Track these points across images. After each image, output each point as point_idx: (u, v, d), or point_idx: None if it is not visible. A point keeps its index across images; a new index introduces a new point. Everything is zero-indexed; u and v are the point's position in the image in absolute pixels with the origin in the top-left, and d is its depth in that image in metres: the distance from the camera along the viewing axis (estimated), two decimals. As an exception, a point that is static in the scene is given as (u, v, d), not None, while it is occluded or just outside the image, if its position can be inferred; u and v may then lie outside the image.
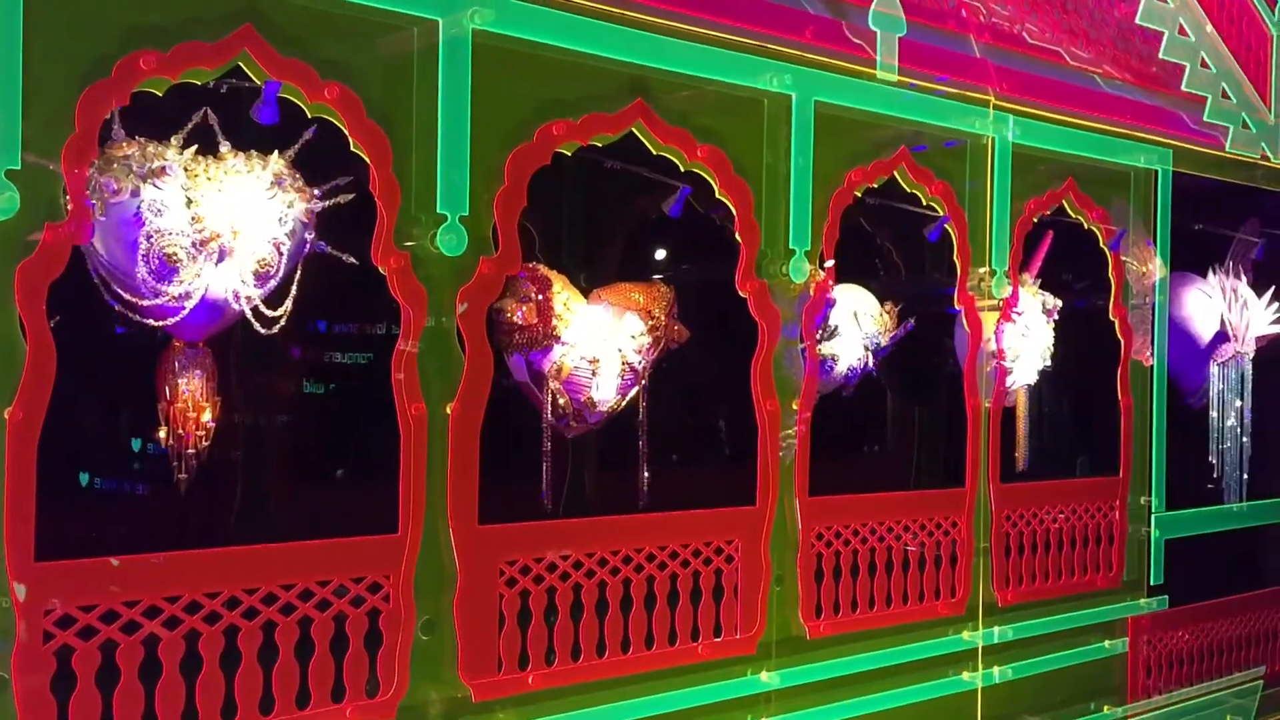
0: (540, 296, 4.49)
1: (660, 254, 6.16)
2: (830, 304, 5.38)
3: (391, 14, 3.90)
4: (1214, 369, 6.97)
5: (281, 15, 3.64)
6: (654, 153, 4.64)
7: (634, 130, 4.54)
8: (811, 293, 5.03)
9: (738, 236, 4.84)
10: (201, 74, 3.52)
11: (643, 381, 4.82)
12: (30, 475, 3.18)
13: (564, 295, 4.61)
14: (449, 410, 4.00)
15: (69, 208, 3.23)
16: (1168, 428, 6.57)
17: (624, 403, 4.81)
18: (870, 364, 5.70)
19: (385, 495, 3.95)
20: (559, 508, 4.73)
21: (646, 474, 4.90)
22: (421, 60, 3.98)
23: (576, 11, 4.29)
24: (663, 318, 4.81)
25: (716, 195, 4.80)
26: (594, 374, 4.63)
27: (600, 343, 4.67)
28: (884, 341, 5.69)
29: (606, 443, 5.43)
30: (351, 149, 3.83)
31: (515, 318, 4.42)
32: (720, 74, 4.74)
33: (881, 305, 5.77)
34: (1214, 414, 7.05)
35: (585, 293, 4.80)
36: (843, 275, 5.54)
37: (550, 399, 4.62)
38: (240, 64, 3.59)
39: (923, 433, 6.86)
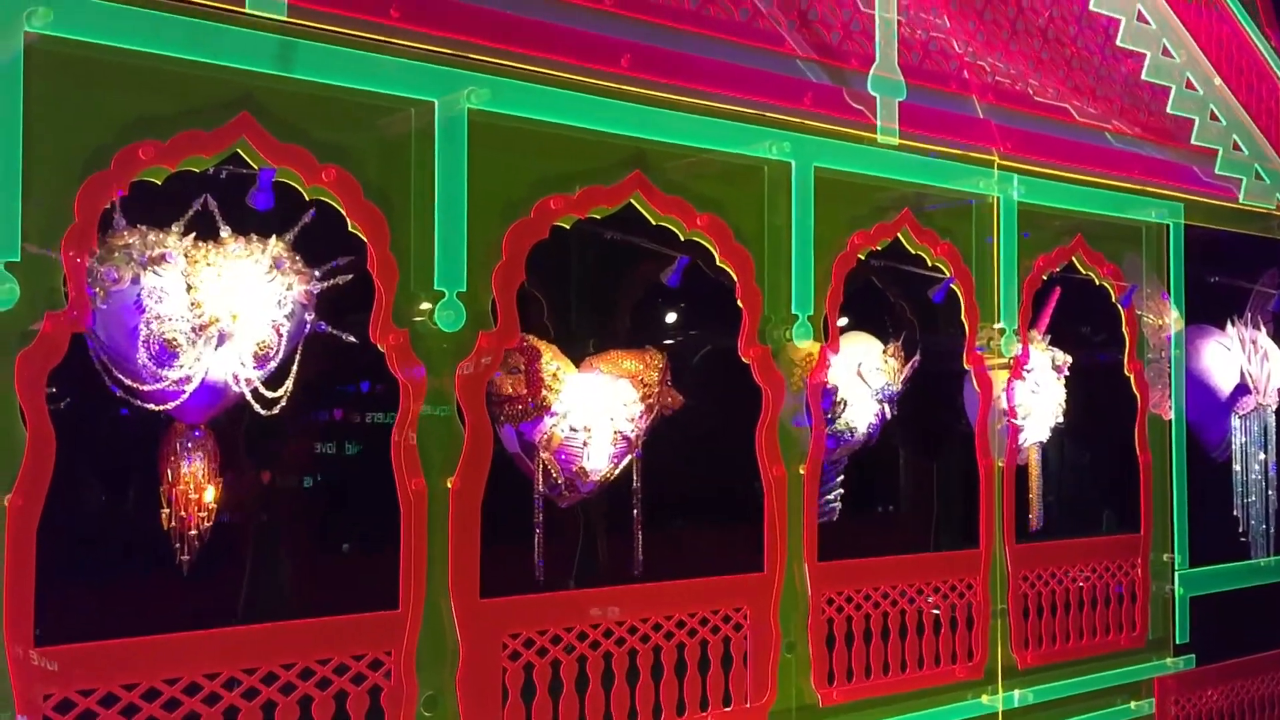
0: (529, 367, 4.51)
1: (659, 320, 6.18)
2: (831, 395, 5.38)
3: (388, 97, 3.98)
4: (1236, 422, 6.89)
5: (278, 102, 3.73)
6: (653, 223, 4.68)
7: (632, 201, 4.58)
8: (815, 355, 5.02)
9: (739, 303, 4.86)
10: (200, 161, 3.60)
11: (636, 449, 4.81)
12: (30, 561, 3.23)
13: (553, 365, 4.62)
14: (450, 484, 4.03)
15: (69, 297, 3.31)
16: (1189, 482, 6.48)
17: (617, 471, 4.80)
18: (887, 413, 5.68)
19: (387, 570, 3.97)
20: (556, 578, 4.72)
21: (642, 542, 4.89)
22: (419, 140, 4.06)
23: (572, 88, 4.35)
24: (656, 384, 4.81)
25: (717, 263, 4.83)
26: (585, 444, 4.63)
27: (591, 412, 4.67)
28: (896, 387, 5.67)
29: (601, 511, 5.42)
30: (350, 229, 3.89)
31: (505, 389, 4.43)
32: (718, 144, 4.79)
33: (884, 346, 5.74)
34: (1237, 467, 6.95)
35: (579, 361, 4.82)
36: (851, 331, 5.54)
37: (542, 469, 4.63)
38: (239, 150, 3.67)
39: (934, 493, 6.80)
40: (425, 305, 3.99)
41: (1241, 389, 6.86)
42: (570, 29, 4.42)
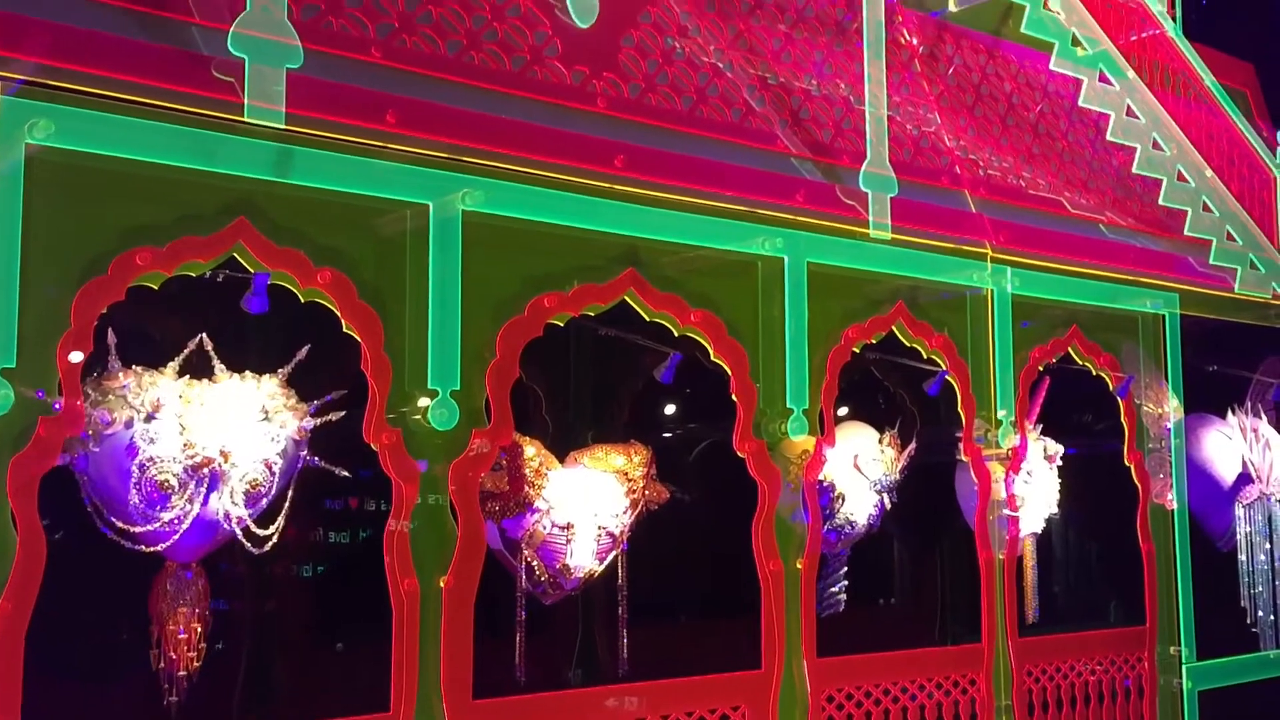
0: (511, 463, 4.51)
1: (656, 413, 6.20)
2: (829, 491, 5.38)
3: (384, 200, 4.06)
4: (1240, 511, 6.84)
5: (275, 207, 3.80)
6: (647, 319, 4.72)
7: (626, 298, 4.63)
8: (810, 450, 5.03)
9: (734, 397, 4.88)
10: (196, 266, 3.67)
11: (622, 545, 4.80)
12: (17, 668, 3.22)
13: (536, 460, 4.62)
14: (442, 584, 4.02)
15: (62, 402, 3.34)
16: (1194, 573, 6.42)
17: (602, 567, 4.77)
18: (886, 503, 5.66)
19: (378, 675, 3.94)
20: (540, 678, 4.65)
21: (628, 640, 4.84)
22: (413, 241, 4.13)
23: (565, 188, 4.43)
24: (641, 479, 4.80)
25: (712, 358, 4.86)
26: (569, 540, 4.61)
27: (575, 508, 4.65)
28: (895, 476, 5.66)
29: (587, 609, 5.37)
30: (344, 330, 3.94)
31: (486, 485, 4.42)
32: (712, 240, 4.85)
33: (880, 436, 5.74)
34: (1243, 557, 6.89)
35: (565, 456, 4.83)
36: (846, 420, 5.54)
37: (525, 566, 4.61)
38: (235, 254, 3.74)
39: (935, 585, 6.74)
40: (423, 401, 4.01)
41: (1244, 478, 6.83)
42: (564, 131, 4.51)
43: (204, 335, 3.68)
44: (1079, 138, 6.51)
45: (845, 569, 5.68)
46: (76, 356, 3.40)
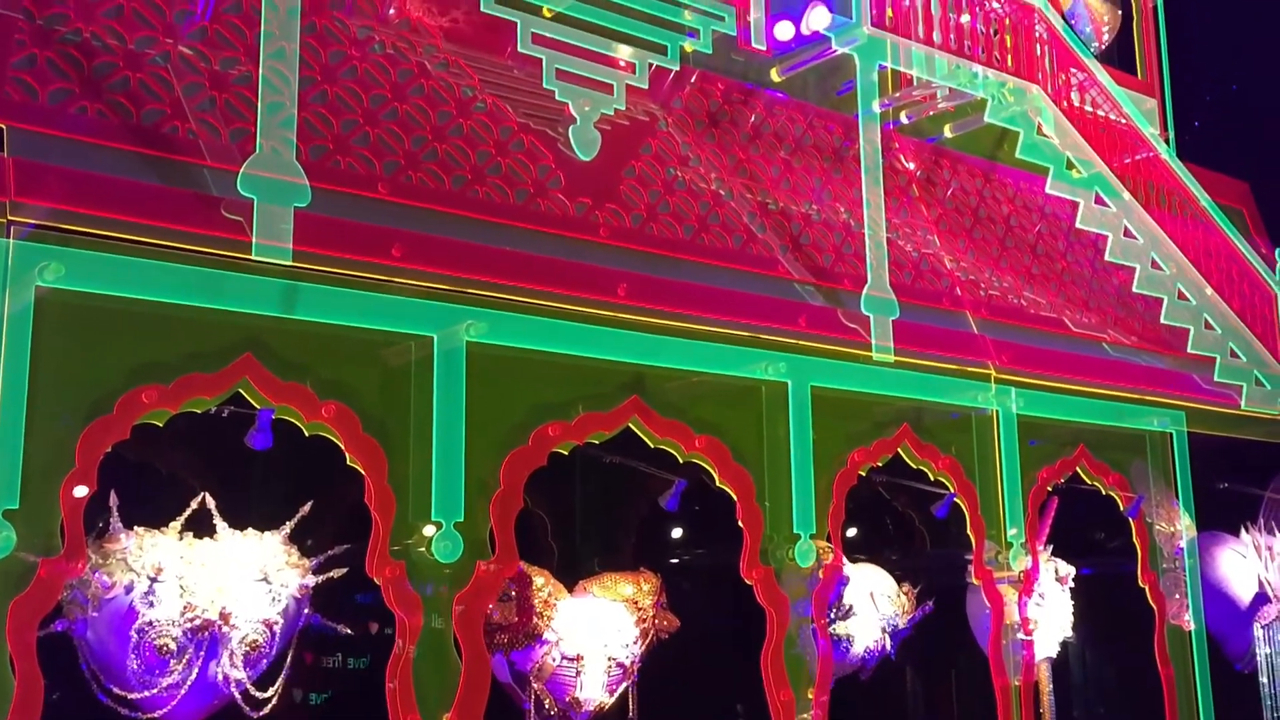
0: (520, 594, 4.46)
1: (663, 539, 6.16)
2: (843, 581, 5.31)
3: (389, 332, 4.10)
4: (1259, 632, 6.71)
5: (281, 342, 3.84)
6: (652, 446, 4.72)
7: (630, 425, 4.63)
8: (820, 575, 4.98)
9: (740, 523, 4.84)
10: (202, 403, 3.69)
11: (633, 676, 4.71)
12: (9, 816, 3.15)
13: (545, 591, 4.57)
14: (446, 720, 3.95)
15: (65, 543, 3.33)
16: (1214, 695, 6.27)
17: (613, 700, 4.67)
18: (888, 646, 5.55)
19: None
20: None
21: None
22: (418, 372, 4.15)
23: (569, 318, 4.46)
24: (650, 608, 4.74)
25: (717, 484, 4.85)
26: (579, 672, 4.52)
27: (585, 639, 4.58)
28: (902, 624, 5.57)
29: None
30: (348, 464, 3.95)
31: (494, 616, 4.36)
32: (715, 366, 4.87)
33: (899, 586, 5.68)
34: (1264, 679, 6.73)
35: (574, 584, 4.78)
36: (858, 548, 5.49)
37: (534, 700, 4.52)
38: (240, 390, 3.76)
39: (949, 716, 6.59)
40: (427, 530, 3.99)
41: (1261, 598, 6.72)
42: (567, 261, 4.57)
43: (206, 494, 3.67)
44: (1078, 257, 6.58)
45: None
46: (81, 491, 3.39)
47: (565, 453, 4.49)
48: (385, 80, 4.34)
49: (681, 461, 4.81)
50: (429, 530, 4.02)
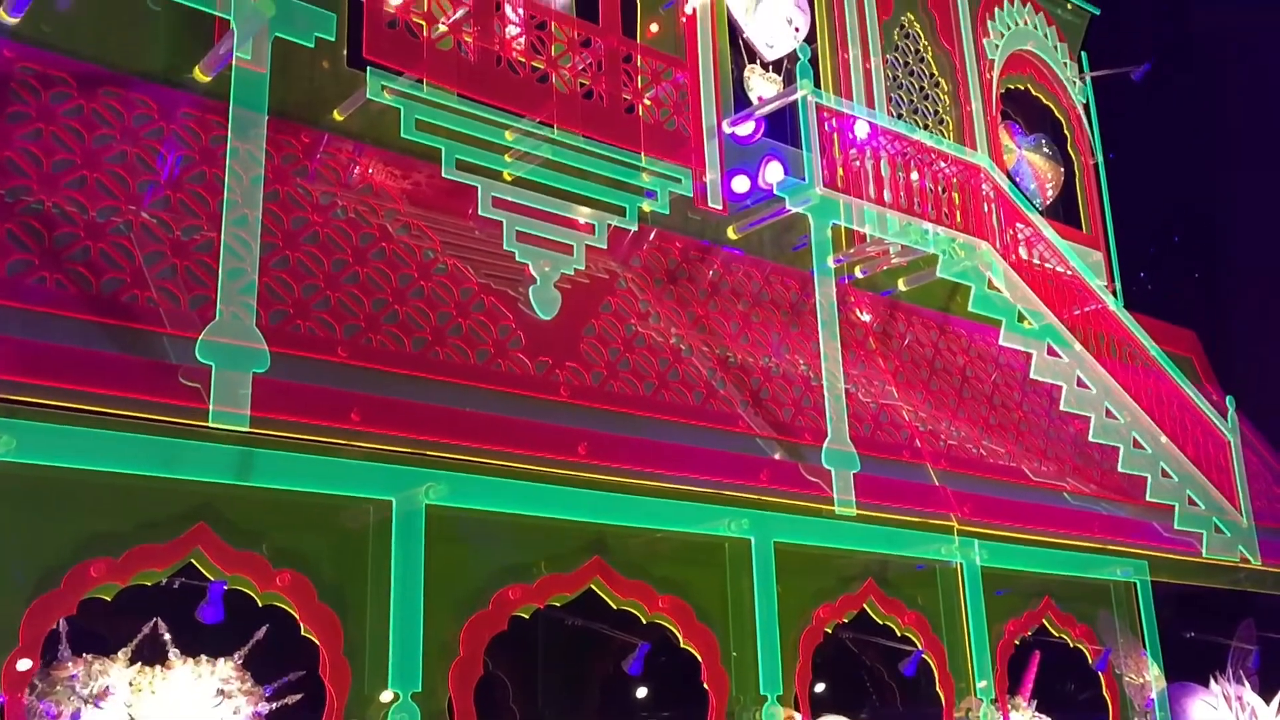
0: None
1: (628, 701, 6.01)
2: None
3: (346, 497, 4.04)
4: (1234, 783, 6.60)
5: (235, 510, 3.78)
6: (615, 607, 4.65)
7: (592, 587, 4.57)
8: (789, 736, 4.86)
9: (705, 685, 4.75)
10: (152, 575, 3.60)
11: None
12: None
13: None
14: None
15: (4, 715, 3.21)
16: None
17: None
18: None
19: None
20: None
21: None
22: (376, 536, 4.08)
23: (529, 478, 4.42)
24: None
25: (681, 644, 4.76)
26: None
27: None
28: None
29: None
30: (303, 634, 3.85)
31: None
32: (677, 524, 4.83)
33: (866, 740, 5.57)
34: (1244, 835, 6.60)
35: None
36: (827, 705, 5.38)
37: None
38: (193, 560, 3.68)
39: None
40: (385, 696, 3.87)
41: (1235, 749, 6.63)
42: (527, 421, 4.55)
43: (158, 619, 3.56)
44: (1034, 407, 6.66)
45: None
46: (25, 665, 3.28)
47: (526, 616, 4.40)
48: (347, 244, 4.39)
49: (645, 622, 4.73)
50: (386, 697, 3.90)
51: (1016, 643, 5.85)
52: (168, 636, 3.61)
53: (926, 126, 7.07)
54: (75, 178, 3.82)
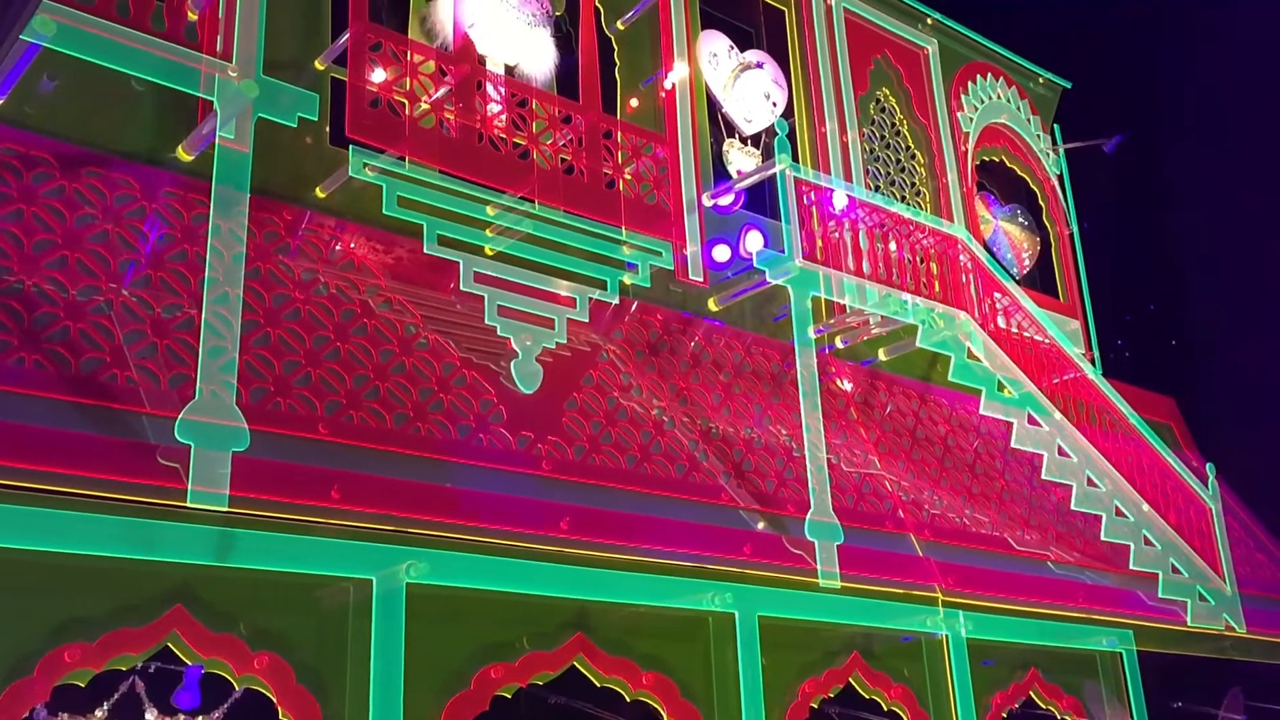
0: None
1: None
2: None
3: (326, 576, 4.00)
4: None
5: (213, 591, 3.73)
6: (598, 685, 4.59)
7: (575, 664, 4.51)
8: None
9: (691, 767, 4.68)
10: (128, 660, 3.54)
11: None
12: None
13: None
14: None
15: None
16: None
17: None
18: None
19: None
20: None
21: None
22: (355, 615, 4.03)
23: (511, 554, 4.39)
24: None
25: (666, 723, 4.70)
26: None
27: None
28: None
29: None
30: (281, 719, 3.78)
31: None
32: (661, 599, 4.79)
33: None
34: None
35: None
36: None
37: None
38: (169, 644, 3.62)
39: None
40: None
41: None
42: (509, 496, 4.53)
43: (135, 677, 3.50)
44: (1016, 475, 6.66)
45: None
46: None
47: (509, 695, 4.34)
48: (328, 320, 4.39)
49: (629, 700, 4.67)
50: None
51: (1004, 715, 5.80)
52: (144, 694, 3.55)
53: (904, 198, 7.16)
54: (56, 257, 3.82)
